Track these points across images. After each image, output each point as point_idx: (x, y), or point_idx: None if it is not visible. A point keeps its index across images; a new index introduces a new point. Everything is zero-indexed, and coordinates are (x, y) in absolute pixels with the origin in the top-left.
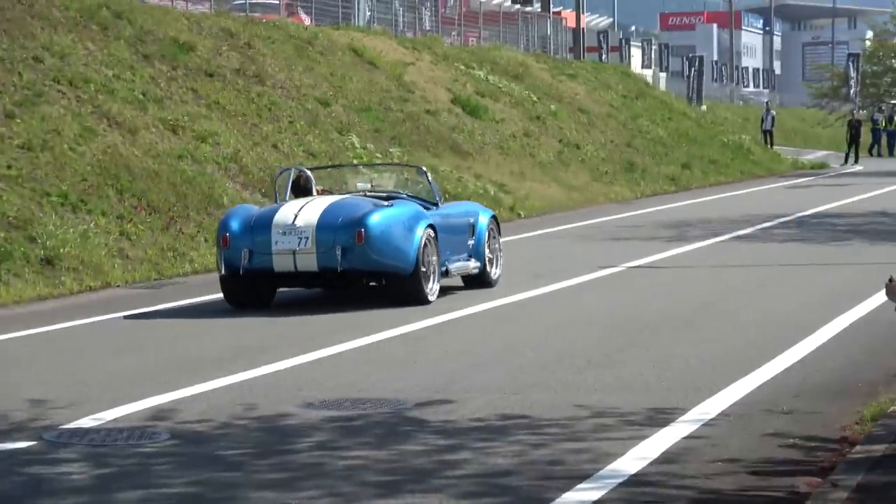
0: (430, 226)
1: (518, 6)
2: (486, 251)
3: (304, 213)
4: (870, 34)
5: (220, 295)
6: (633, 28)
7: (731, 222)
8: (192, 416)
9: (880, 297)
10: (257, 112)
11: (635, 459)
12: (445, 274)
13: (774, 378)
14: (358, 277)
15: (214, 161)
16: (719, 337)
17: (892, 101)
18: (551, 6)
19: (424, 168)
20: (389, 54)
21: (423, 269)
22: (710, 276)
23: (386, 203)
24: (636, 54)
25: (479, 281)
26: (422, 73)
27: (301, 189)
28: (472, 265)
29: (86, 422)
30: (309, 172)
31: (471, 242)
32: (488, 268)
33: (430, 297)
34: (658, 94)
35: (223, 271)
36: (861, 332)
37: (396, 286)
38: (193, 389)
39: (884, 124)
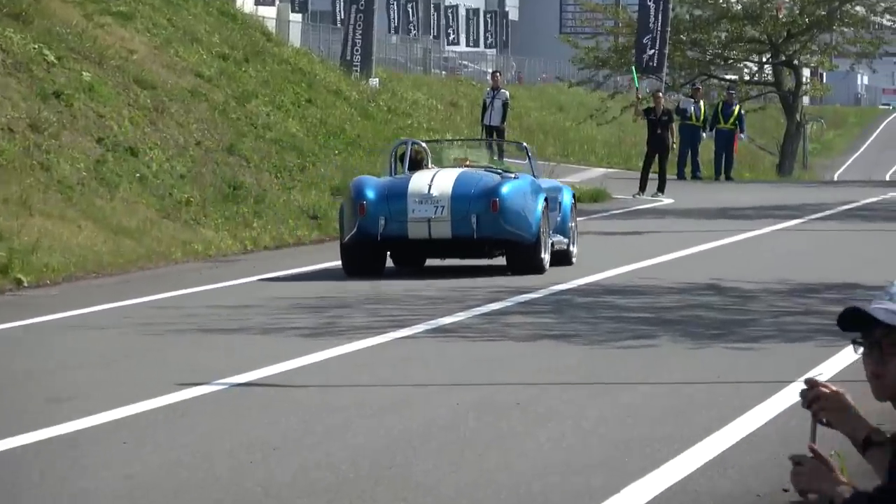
0: (546, 199)
1: None
2: (569, 228)
3: (436, 182)
4: None
5: None
6: None
7: (426, 301)
8: None
9: (717, 445)
10: None
11: None
12: (551, 247)
13: None
14: (488, 245)
15: None
16: None
17: (729, 79)
18: None
19: (525, 144)
20: None
21: (543, 240)
22: (390, 402)
23: (512, 175)
24: None
25: (561, 258)
26: None
27: (414, 162)
28: (563, 240)
29: None
30: (425, 145)
31: (558, 219)
32: (571, 246)
33: (546, 266)
34: (288, 54)
35: (351, 239)
36: None
37: (519, 255)
38: None
39: (703, 119)
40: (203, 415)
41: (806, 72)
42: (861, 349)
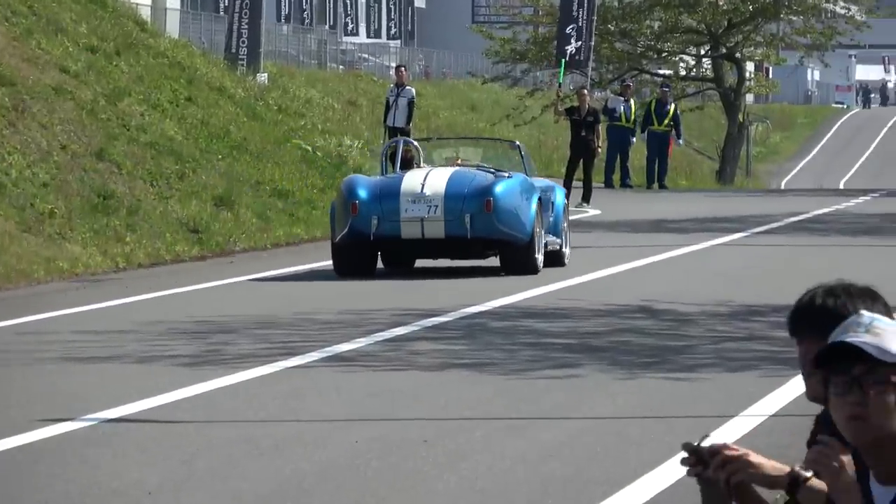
0: (540, 198)
1: None
2: (562, 229)
3: (429, 182)
4: None
5: None
6: None
7: (321, 325)
8: None
9: (649, 487)
10: None
11: None
12: (544, 247)
13: None
14: (481, 245)
15: None
16: None
17: (663, 74)
18: None
19: (518, 143)
20: None
21: (537, 240)
22: (281, 440)
23: (506, 174)
24: None
25: (553, 259)
26: None
27: (405, 161)
28: (556, 241)
29: None
30: (417, 144)
31: (550, 219)
32: (564, 246)
33: (539, 267)
34: (166, 46)
35: (342, 239)
36: None
37: (512, 255)
38: None
39: (633, 120)
40: (69, 455)
41: (749, 66)
42: (835, 389)
